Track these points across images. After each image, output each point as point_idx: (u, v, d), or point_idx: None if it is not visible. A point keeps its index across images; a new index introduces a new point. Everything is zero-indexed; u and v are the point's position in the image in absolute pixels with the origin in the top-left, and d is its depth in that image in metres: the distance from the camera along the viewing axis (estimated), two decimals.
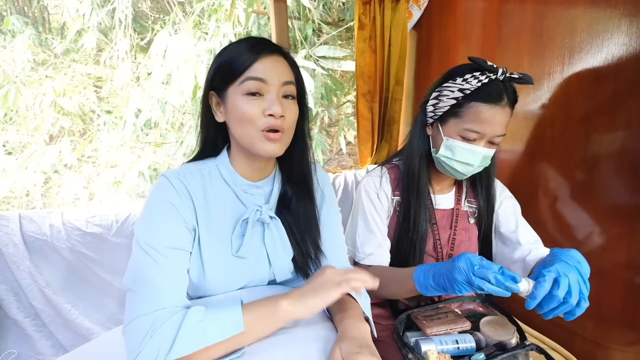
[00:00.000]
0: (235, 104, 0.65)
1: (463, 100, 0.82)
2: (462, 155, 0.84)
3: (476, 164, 0.84)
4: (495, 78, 0.80)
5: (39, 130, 2.57)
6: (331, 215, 0.83)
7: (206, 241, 0.68)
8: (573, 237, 1.07)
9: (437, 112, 0.87)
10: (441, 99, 0.86)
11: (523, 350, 0.78)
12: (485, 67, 0.81)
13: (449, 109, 0.85)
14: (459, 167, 0.86)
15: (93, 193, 2.54)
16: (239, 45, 0.67)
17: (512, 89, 0.82)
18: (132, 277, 0.61)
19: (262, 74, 0.64)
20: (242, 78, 0.64)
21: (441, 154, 0.87)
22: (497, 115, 0.80)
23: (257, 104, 0.65)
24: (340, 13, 2.96)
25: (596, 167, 0.99)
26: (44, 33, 3.06)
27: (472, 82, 0.81)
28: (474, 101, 0.81)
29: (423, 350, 0.78)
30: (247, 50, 0.65)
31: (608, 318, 0.99)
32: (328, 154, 3.38)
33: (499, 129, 0.82)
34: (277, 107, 0.64)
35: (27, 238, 1.04)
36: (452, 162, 0.86)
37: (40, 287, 1.04)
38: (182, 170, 0.69)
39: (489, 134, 0.82)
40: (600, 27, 0.94)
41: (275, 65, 0.66)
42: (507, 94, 0.81)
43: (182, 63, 2.41)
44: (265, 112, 0.64)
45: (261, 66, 0.64)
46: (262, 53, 0.65)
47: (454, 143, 0.84)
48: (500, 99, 0.80)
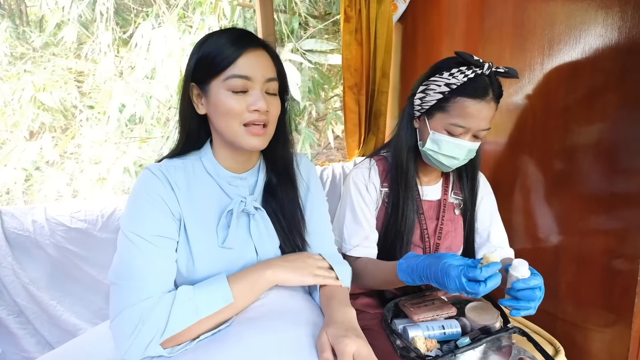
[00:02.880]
0: (219, 98, 0.65)
1: (449, 94, 0.83)
2: (448, 149, 0.85)
3: (461, 157, 0.86)
4: (482, 73, 0.81)
5: (18, 126, 2.50)
6: (317, 205, 0.84)
7: (193, 232, 0.68)
8: (553, 225, 1.10)
9: (424, 105, 0.88)
10: (428, 93, 0.87)
11: (506, 333, 0.80)
12: (471, 62, 0.82)
13: (435, 103, 0.86)
14: (445, 161, 0.87)
15: (77, 190, 2.48)
16: (221, 38, 0.66)
17: (497, 83, 0.84)
18: (117, 270, 0.61)
19: (247, 71, 0.64)
20: (226, 74, 0.64)
21: (427, 147, 0.88)
22: (482, 110, 0.82)
23: (242, 99, 0.65)
24: (326, 6, 2.95)
25: (575, 157, 1.02)
26: (22, 26, 2.96)
27: (459, 76, 0.81)
28: (460, 96, 0.82)
29: (410, 336, 0.80)
30: (230, 45, 0.64)
31: (587, 301, 1.03)
32: (316, 148, 3.39)
33: (484, 124, 0.83)
34: (262, 103, 0.65)
35: (9, 234, 1.02)
36: (438, 155, 0.87)
37: (24, 284, 1.02)
38: (165, 163, 0.69)
39: (474, 128, 0.83)
40: (578, 19, 0.96)
41: (259, 60, 0.66)
42: (493, 88, 0.82)
43: (167, 57, 2.36)
44: (250, 108, 0.65)
45: (245, 62, 0.64)
46: (246, 48, 0.65)
47: (440, 137, 0.86)
48: (486, 94, 0.81)
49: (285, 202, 0.77)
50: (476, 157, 0.93)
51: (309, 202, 0.82)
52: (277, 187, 0.77)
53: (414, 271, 0.74)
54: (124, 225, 0.63)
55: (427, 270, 0.71)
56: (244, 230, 0.73)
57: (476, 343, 0.77)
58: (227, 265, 0.70)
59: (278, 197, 0.77)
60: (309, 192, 0.83)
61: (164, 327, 0.56)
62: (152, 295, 0.59)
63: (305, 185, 0.82)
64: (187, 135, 0.73)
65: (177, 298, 0.58)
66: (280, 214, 0.76)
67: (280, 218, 0.76)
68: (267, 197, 0.77)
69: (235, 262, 0.71)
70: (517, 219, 1.19)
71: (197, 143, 0.74)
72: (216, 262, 0.69)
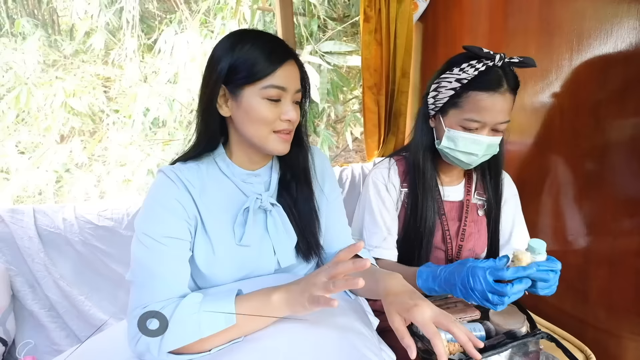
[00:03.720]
0: (252, 105, 0.67)
1: (461, 90, 0.81)
2: (465, 145, 0.83)
3: (480, 153, 0.83)
4: (493, 65, 0.79)
5: (50, 130, 2.62)
6: (333, 198, 0.84)
7: (211, 230, 0.69)
8: (583, 227, 1.06)
9: (437, 103, 0.87)
10: (440, 91, 0.85)
11: (534, 338, 0.77)
12: (481, 55, 0.79)
13: (448, 100, 0.84)
14: (463, 157, 0.85)
15: (103, 191, 2.57)
16: (258, 46, 0.66)
17: (512, 74, 0.81)
18: (133, 270, 0.63)
19: (284, 82, 0.67)
20: (264, 83, 0.66)
21: (444, 145, 0.86)
22: (497, 103, 0.79)
23: (275, 108, 0.68)
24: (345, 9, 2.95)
25: (606, 156, 0.98)
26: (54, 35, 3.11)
27: (469, 71, 0.79)
28: (472, 90, 0.80)
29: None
30: (269, 56, 0.66)
31: (620, 307, 0.98)
32: (335, 150, 3.38)
33: (501, 116, 0.80)
34: (294, 114, 0.68)
35: (42, 231, 1.06)
36: (456, 152, 0.85)
37: (55, 279, 1.06)
38: (178, 166, 0.71)
39: (491, 122, 0.80)
40: (609, 12, 0.93)
41: (292, 73, 0.69)
42: (507, 79, 0.79)
43: (189, 61, 2.43)
44: (282, 117, 0.68)
45: (283, 74, 0.67)
46: (285, 61, 0.67)
47: (455, 134, 0.83)
48: (500, 86, 0.78)
49: (299, 198, 0.77)
50: (499, 155, 0.90)
51: (324, 199, 0.83)
52: (291, 183, 0.78)
53: (435, 279, 0.73)
54: (137, 226, 0.65)
55: (450, 276, 0.70)
56: (261, 227, 0.73)
57: (501, 348, 0.74)
58: (243, 264, 0.71)
59: (292, 192, 0.77)
60: (323, 188, 0.83)
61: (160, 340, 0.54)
62: (164, 297, 0.60)
63: (319, 181, 0.82)
64: (208, 135, 0.73)
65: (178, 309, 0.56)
66: (295, 210, 0.77)
67: (294, 213, 0.76)
68: (281, 192, 0.77)
69: (252, 260, 0.72)
70: (544, 221, 1.15)
71: (211, 145, 0.74)
72: (233, 260, 0.70)
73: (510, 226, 0.97)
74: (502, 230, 0.98)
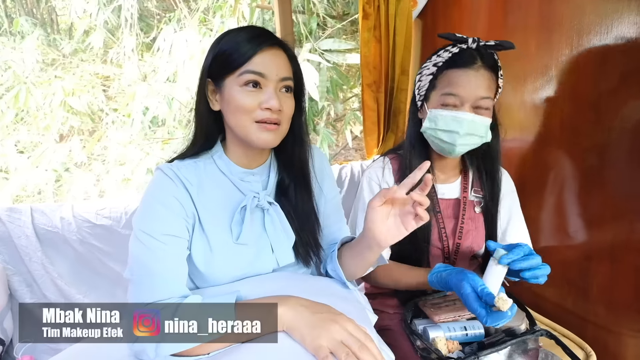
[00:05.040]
0: (232, 94, 0.65)
1: (437, 72, 0.84)
2: (445, 123, 0.82)
3: (462, 131, 0.81)
4: (467, 47, 0.81)
5: (49, 129, 2.62)
6: (331, 197, 0.84)
7: (209, 228, 0.68)
8: (583, 223, 1.05)
9: (421, 92, 0.89)
10: (421, 80, 0.88)
11: (533, 335, 0.77)
12: (455, 39, 0.83)
13: (428, 85, 0.86)
14: (445, 137, 0.83)
15: (103, 190, 2.57)
16: (239, 35, 0.66)
17: (489, 54, 0.82)
18: (130, 267, 0.62)
19: (262, 68, 0.64)
20: (241, 70, 0.64)
21: (425, 126, 0.86)
22: (471, 77, 0.80)
23: (255, 96, 0.65)
24: (344, 7, 2.94)
25: (607, 152, 0.97)
26: (53, 34, 3.10)
27: (444, 54, 0.83)
28: (446, 69, 0.83)
29: (431, 337, 0.78)
30: (247, 42, 0.65)
31: (620, 304, 0.97)
32: (334, 149, 3.38)
33: (480, 91, 0.80)
34: (274, 101, 0.65)
35: (39, 230, 1.06)
36: (437, 132, 0.84)
37: (53, 278, 1.06)
38: (176, 163, 0.70)
39: (468, 97, 0.80)
40: (609, 7, 0.92)
41: (275, 59, 0.66)
42: (482, 57, 0.81)
43: (188, 59, 2.42)
44: (262, 106, 0.65)
45: (261, 60, 0.65)
46: (263, 46, 0.65)
47: (435, 112, 0.84)
48: (473, 62, 0.80)
49: (298, 203, 0.76)
50: (494, 151, 0.90)
51: (322, 199, 0.82)
52: (290, 187, 0.76)
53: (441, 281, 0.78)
54: (135, 223, 0.64)
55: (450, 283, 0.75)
56: (259, 225, 0.73)
57: (500, 345, 0.74)
58: (241, 263, 0.70)
59: (290, 197, 0.76)
60: (322, 188, 0.82)
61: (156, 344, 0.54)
62: (162, 297, 0.59)
63: (318, 181, 0.81)
64: (203, 132, 0.73)
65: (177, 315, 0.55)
66: (294, 214, 0.76)
67: (293, 217, 0.75)
68: (279, 196, 0.76)
69: (250, 259, 0.71)
70: (544, 218, 1.14)
71: (208, 142, 0.74)
72: (232, 259, 0.69)
73: (506, 222, 0.96)
74: (499, 226, 0.97)
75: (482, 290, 0.68)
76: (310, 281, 0.75)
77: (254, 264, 0.71)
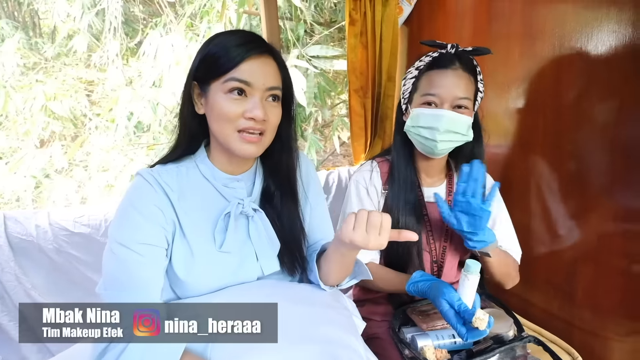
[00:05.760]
0: (216, 100, 0.63)
1: (419, 74, 0.88)
2: (426, 120, 0.85)
3: (442, 128, 0.83)
4: (446, 52, 0.86)
5: (29, 134, 2.54)
6: (317, 203, 0.82)
7: (190, 237, 0.66)
8: (568, 228, 1.06)
9: (405, 95, 0.92)
10: (405, 85, 0.91)
11: (520, 342, 0.77)
12: (435, 45, 0.88)
13: (411, 88, 0.89)
14: (426, 133, 0.85)
15: (85, 197, 2.50)
16: (229, 39, 0.64)
17: (467, 58, 0.87)
18: (102, 282, 0.60)
19: (248, 76, 0.62)
20: (226, 77, 0.62)
21: (408, 125, 0.89)
22: (449, 78, 0.84)
23: (239, 104, 0.63)
24: (332, 14, 2.97)
25: (589, 157, 0.98)
26: (35, 37, 3.03)
27: (425, 59, 0.88)
28: (427, 71, 0.87)
29: (419, 346, 0.77)
30: (236, 47, 0.63)
31: (605, 308, 0.98)
32: (322, 155, 3.37)
33: (458, 91, 0.83)
34: (259, 112, 0.62)
35: (12, 239, 1.01)
36: (419, 129, 0.86)
37: (26, 289, 1.01)
38: (157, 169, 0.68)
39: (447, 96, 0.83)
40: (590, 16, 0.94)
41: (263, 67, 0.64)
42: (460, 60, 0.85)
43: (174, 64, 2.39)
44: (246, 115, 0.63)
45: (248, 67, 0.63)
46: (251, 53, 0.63)
47: (417, 111, 0.87)
48: (451, 64, 0.84)
49: (283, 211, 0.74)
50: (478, 154, 0.91)
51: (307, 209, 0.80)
52: (275, 195, 0.74)
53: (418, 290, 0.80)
54: (111, 234, 0.62)
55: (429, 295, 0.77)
56: (243, 233, 0.71)
57: (489, 353, 0.73)
58: (225, 271, 0.68)
59: (275, 205, 0.74)
60: (308, 195, 0.80)
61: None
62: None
63: (304, 188, 0.79)
64: (186, 135, 0.70)
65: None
66: (278, 222, 0.74)
67: (278, 225, 0.73)
68: (264, 204, 0.74)
69: (234, 268, 0.69)
70: (529, 222, 1.15)
71: (194, 146, 0.72)
72: (215, 267, 0.67)
73: (491, 225, 0.96)
74: None
75: (459, 306, 0.69)
76: (295, 289, 0.73)
77: (237, 273, 0.69)
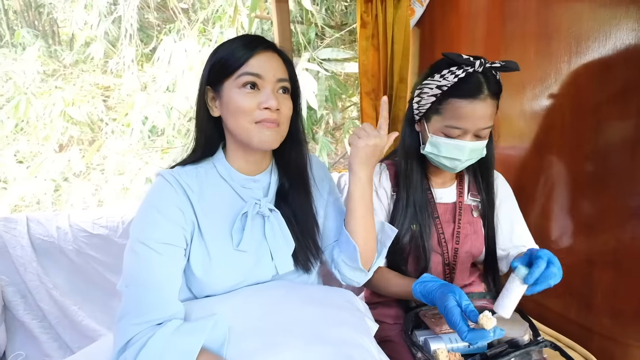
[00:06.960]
0: (231, 96, 0.66)
1: (442, 97, 0.81)
2: (448, 151, 0.82)
3: (463, 158, 0.82)
4: (474, 71, 0.78)
5: (49, 139, 2.62)
6: (332, 200, 0.84)
7: (208, 236, 0.67)
8: (585, 231, 1.03)
9: (421, 109, 0.87)
10: (422, 97, 0.85)
11: (537, 347, 0.75)
12: (460, 62, 0.78)
13: (430, 106, 0.84)
14: (447, 163, 0.85)
15: (102, 200, 2.57)
16: (234, 43, 0.68)
17: (494, 79, 0.80)
18: (122, 280, 0.62)
19: (258, 70, 0.66)
20: (238, 73, 0.66)
21: (427, 150, 0.86)
22: (477, 110, 0.78)
23: (253, 97, 0.66)
24: (342, 17, 2.97)
25: (609, 158, 0.96)
26: (54, 45, 3.13)
27: (449, 77, 0.79)
28: (452, 97, 0.79)
29: (432, 349, 0.76)
30: (242, 47, 0.67)
31: (626, 314, 0.95)
32: (333, 157, 3.38)
33: (482, 122, 0.79)
34: (273, 101, 0.66)
35: (35, 240, 1.05)
36: (440, 158, 0.85)
37: (48, 289, 1.04)
38: (177, 170, 0.70)
39: (472, 129, 0.80)
40: (607, 14, 0.92)
41: (270, 61, 0.68)
42: (488, 85, 0.78)
43: (187, 69, 2.44)
44: (261, 106, 0.66)
45: (256, 62, 0.66)
46: (257, 49, 0.67)
47: (438, 140, 0.83)
48: (479, 92, 0.77)
49: (297, 207, 0.76)
50: (488, 157, 0.90)
51: (322, 204, 0.82)
52: (290, 192, 0.77)
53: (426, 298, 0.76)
54: (133, 233, 0.63)
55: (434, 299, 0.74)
56: (259, 233, 0.72)
57: (504, 357, 0.72)
58: (241, 270, 0.69)
59: (290, 202, 0.76)
60: (322, 194, 0.82)
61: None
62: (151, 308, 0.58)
63: (319, 187, 0.82)
64: (204, 138, 0.73)
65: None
66: (293, 219, 0.76)
67: (293, 223, 0.75)
68: (279, 202, 0.76)
69: (250, 267, 0.70)
70: (546, 225, 1.12)
71: (211, 148, 0.75)
72: (231, 266, 0.68)
73: (510, 228, 0.95)
74: (502, 232, 0.96)
75: (466, 306, 0.66)
76: (309, 290, 0.74)
77: (253, 272, 0.71)
